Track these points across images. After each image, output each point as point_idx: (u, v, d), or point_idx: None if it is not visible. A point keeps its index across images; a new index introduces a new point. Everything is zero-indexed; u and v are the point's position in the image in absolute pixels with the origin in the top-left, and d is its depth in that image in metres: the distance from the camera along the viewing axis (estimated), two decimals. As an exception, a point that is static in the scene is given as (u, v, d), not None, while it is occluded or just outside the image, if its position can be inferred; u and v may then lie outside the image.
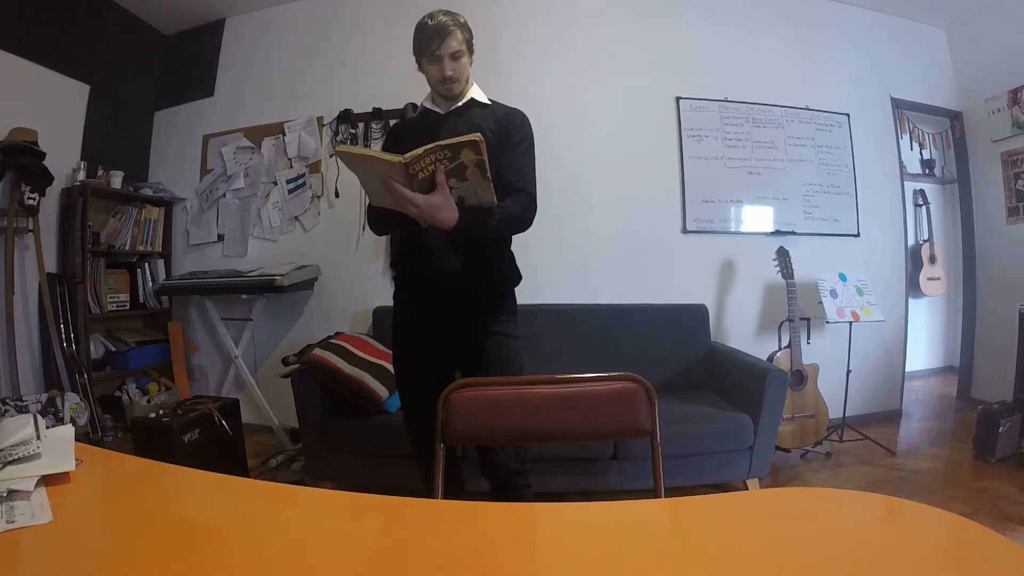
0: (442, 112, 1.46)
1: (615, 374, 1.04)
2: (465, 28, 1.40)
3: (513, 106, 1.50)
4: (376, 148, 3.12)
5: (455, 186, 1.20)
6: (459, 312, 1.41)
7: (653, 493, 1.02)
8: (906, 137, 3.82)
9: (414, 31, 1.42)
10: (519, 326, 1.49)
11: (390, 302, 1.55)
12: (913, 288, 3.81)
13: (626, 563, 0.53)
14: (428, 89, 1.50)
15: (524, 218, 1.39)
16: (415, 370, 1.46)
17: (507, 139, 1.42)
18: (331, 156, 1.22)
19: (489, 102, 1.48)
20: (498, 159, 1.36)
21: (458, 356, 1.45)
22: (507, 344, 1.44)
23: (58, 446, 0.77)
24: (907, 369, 3.45)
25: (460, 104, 1.45)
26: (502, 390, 1.04)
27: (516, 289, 1.53)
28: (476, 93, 1.48)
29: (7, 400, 2.53)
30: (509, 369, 1.41)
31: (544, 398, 1.02)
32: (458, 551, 0.57)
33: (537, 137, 1.48)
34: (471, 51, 1.45)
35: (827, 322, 2.81)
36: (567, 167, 2.97)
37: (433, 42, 1.37)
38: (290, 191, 3.24)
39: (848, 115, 3.29)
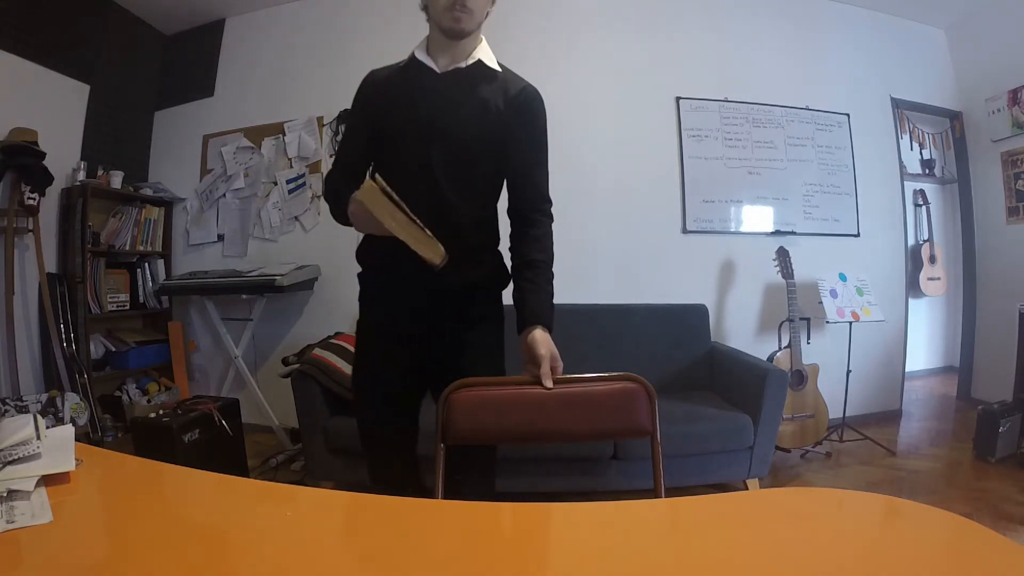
0: (438, 71, 1.16)
1: (615, 374, 1.04)
2: None
3: (524, 78, 1.23)
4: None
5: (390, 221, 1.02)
6: (438, 318, 1.16)
7: (653, 493, 1.02)
8: (906, 137, 3.82)
9: None
10: (505, 336, 1.25)
11: None
12: (913, 288, 3.81)
13: (626, 563, 0.53)
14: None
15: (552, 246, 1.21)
16: (387, 382, 1.22)
17: (522, 127, 1.18)
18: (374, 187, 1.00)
19: (499, 68, 1.20)
20: (506, 146, 1.17)
21: (431, 369, 1.21)
22: (489, 358, 1.22)
23: (58, 446, 0.77)
24: (907, 369, 3.45)
25: (463, 65, 1.15)
26: (502, 390, 1.03)
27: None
28: (485, 53, 1.18)
29: (7, 400, 2.53)
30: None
31: (544, 398, 1.01)
32: (458, 551, 0.57)
33: (537, 137, 1.43)
34: None
35: (827, 322, 2.81)
36: (567, 167, 2.96)
37: None
38: (290, 191, 3.24)
39: (848, 115, 3.29)
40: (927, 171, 4.17)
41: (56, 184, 2.86)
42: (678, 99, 3.10)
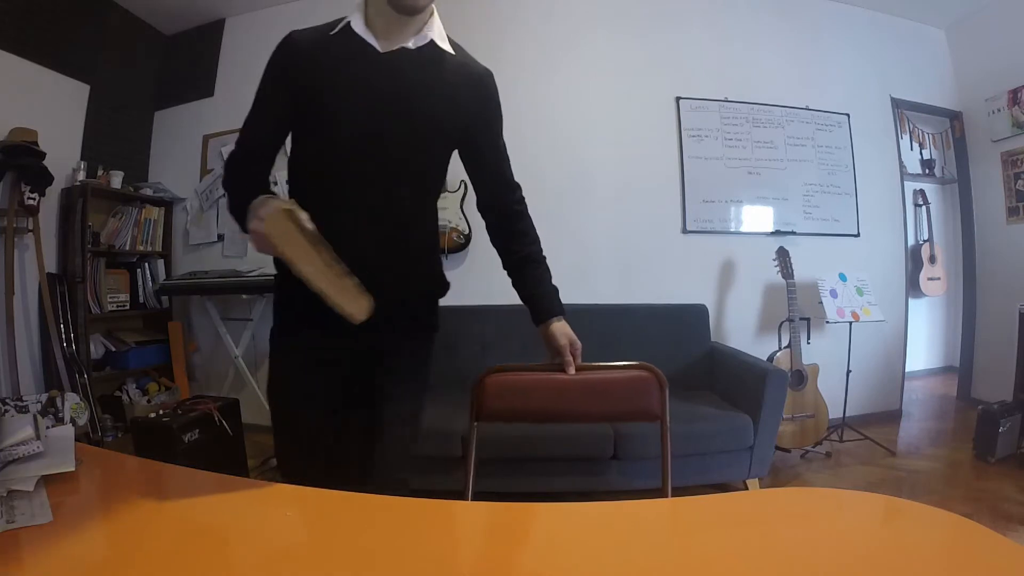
0: (380, 50, 0.97)
1: (630, 363, 1.14)
2: None
3: (478, 61, 1.08)
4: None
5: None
6: (369, 328, 0.91)
7: (653, 492, 1.03)
8: (906, 137, 3.82)
9: None
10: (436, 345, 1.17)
11: None
12: (913, 288, 3.81)
13: (626, 563, 0.53)
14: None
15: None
16: (309, 400, 1.10)
17: (486, 116, 1.08)
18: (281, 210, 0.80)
19: (452, 50, 1.03)
20: (468, 136, 1.06)
21: (353, 379, 1.08)
22: (416, 373, 1.11)
23: (58, 446, 0.77)
24: (907, 369, 3.46)
25: (411, 46, 0.97)
26: (530, 376, 1.14)
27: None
28: (437, 32, 1.01)
29: (7, 400, 2.53)
30: (408, 403, 1.08)
31: (566, 383, 1.12)
32: (458, 551, 0.57)
33: (538, 137, 1.44)
34: None
35: (827, 322, 2.81)
36: (567, 167, 2.96)
37: None
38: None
39: (848, 115, 3.29)
40: (927, 171, 4.17)
41: (56, 184, 2.86)
42: (678, 99, 3.10)
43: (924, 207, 4.20)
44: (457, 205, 2.93)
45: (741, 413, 2.23)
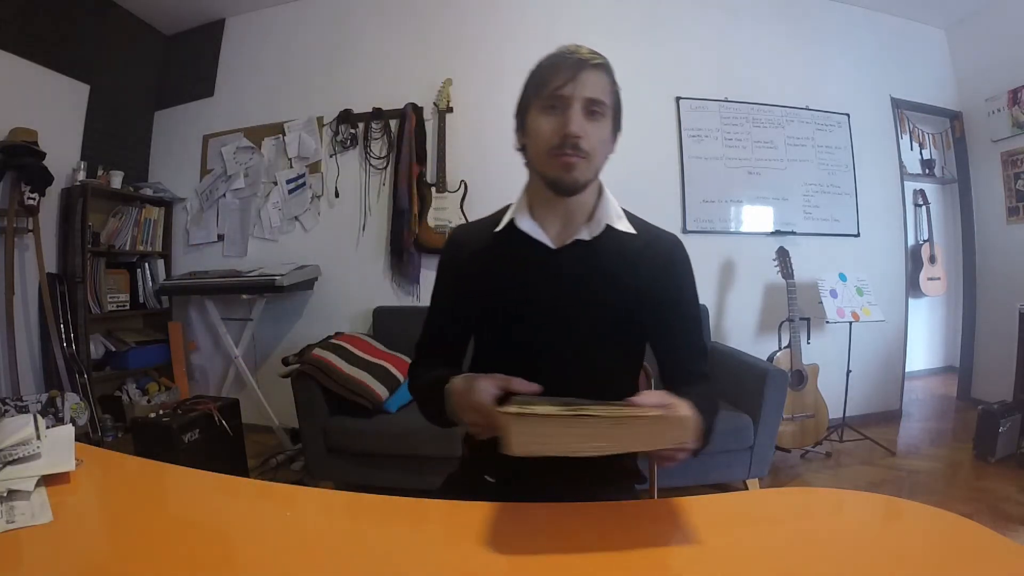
0: (552, 246, 0.88)
1: None
2: (614, 79, 0.86)
3: (663, 230, 0.95)
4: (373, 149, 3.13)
5: None
6: None
7: (650, 493, 1.03)
8: (906, 137, 3.82)
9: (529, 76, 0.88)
10: None
11: (390, 302, 1.45)
12: (913, 288, 3.81)
13: (626, 563, 0.53)
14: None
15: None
16: None
17: (675, 291, 0.92)
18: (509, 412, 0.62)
19: (634, 229, 0.91)
20: (654, 323, 0.91)
21: None
22: None
23: (58, 446, 0.77)
24: (907, 369, 3.45)
25: (586, 237, 0.87)
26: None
27: None
28: (612, 211, 0.90)
29: (7, 400, 2.53)
30: None
31: None
32: (457, 551, 0.57)
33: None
34: (617, 123, 0.88)
35: (827, 322, 2.81)
36: (567, 167, 2.96)
37: (559, 75, 0.81)
38: (290, 191, 3.24)
39: (848, 115, 3.29)
40: (927, 171, 4.16)
41: (56, 184, 2.86)
42: (678, 99, 3.10)
43: (924, 207, 4.20)
44: (457, 205, 2.93)
45: (741, 413, 2.23)
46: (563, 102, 0.81)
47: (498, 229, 0.91)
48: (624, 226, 0.90)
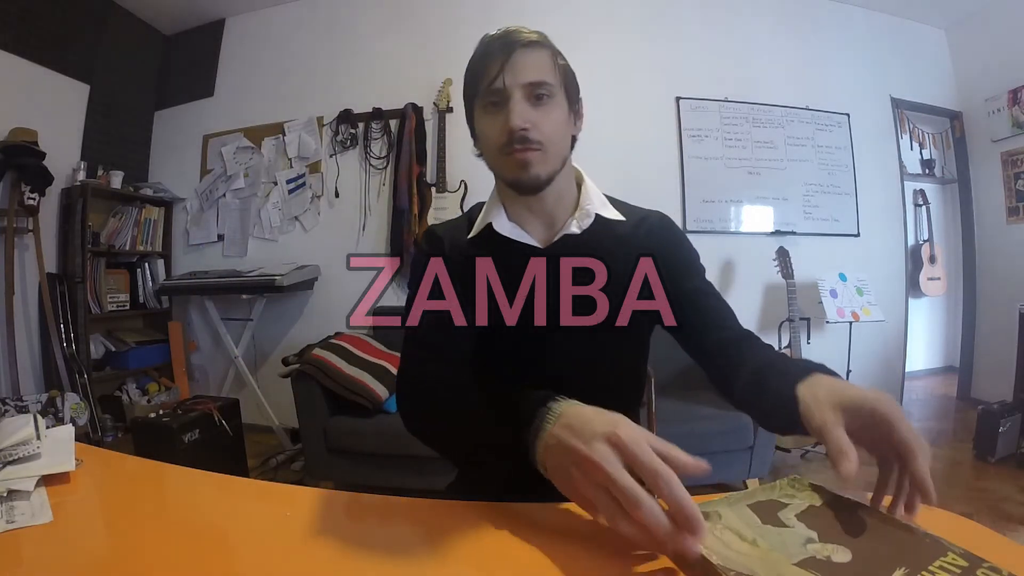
0: (539, 245, 0.81)
1: None
2: (557, 52, 0.81)
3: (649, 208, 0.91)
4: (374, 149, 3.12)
5: None
6: None
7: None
8: (906, 137, 3.82)
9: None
10: None
11: (390, 302, 1.48)
12: (913, 288, 3.81)
13: (626, 563, 0.53)
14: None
15: None
16: None
17: (677, 261, 0.88)
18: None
19: (621, 215, 0.85)
20: (670, 295, 0.85)
21: None
22: None
23: (58, 446, 0.77)
24: (907, 369, 3.46)
25: (575, 231, 0.80)
26: None
27: None
28: (595, 199, 0.84)
29: (7, 400, 2.53)
30: None
31: None
32: (457, 551, 0.57)
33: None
34: (573, 103, 0.82)
35: (827, 322, 2.81)
36: (567, 167, 2.97)
37: (491, 65, 0.76)
38: (290, 191, 3.24)
39: (848, 115, 3.29)
40: (927, 171, 4.16)
41: (56, 184, 2.86)
42: (678, 99, 3.10)
43: (924, 207, 4.20)
44: (457, 205, 2.93)
45: (741, 413, 2.23)
46: (501, 96, 0.74)
47: (472, 235, 0.82)
48: (611, 213, 0.84)
